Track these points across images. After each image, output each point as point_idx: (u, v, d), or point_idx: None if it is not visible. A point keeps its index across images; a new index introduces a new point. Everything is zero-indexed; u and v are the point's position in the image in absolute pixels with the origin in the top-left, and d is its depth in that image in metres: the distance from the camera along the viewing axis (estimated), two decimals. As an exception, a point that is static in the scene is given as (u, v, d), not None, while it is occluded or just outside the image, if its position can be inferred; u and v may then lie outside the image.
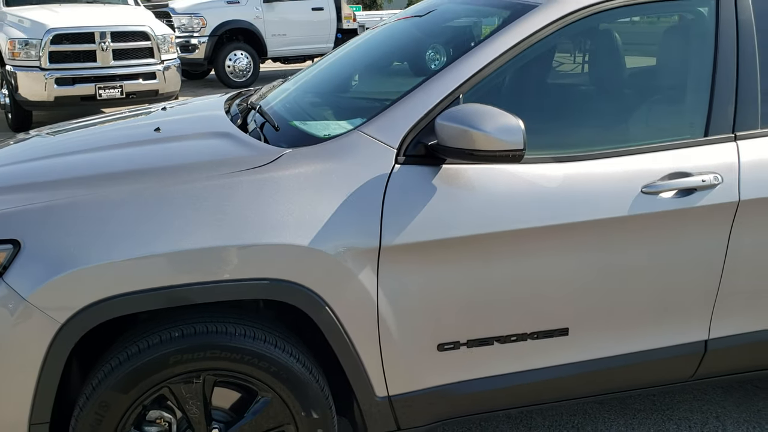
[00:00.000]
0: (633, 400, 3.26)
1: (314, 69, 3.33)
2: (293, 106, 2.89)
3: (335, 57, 3.31)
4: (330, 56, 3.38)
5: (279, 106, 2.91)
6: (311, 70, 3.34)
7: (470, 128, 2.11)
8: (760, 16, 2.55)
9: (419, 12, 3.16)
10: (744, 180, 2.44)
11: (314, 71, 3.29)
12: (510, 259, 2.30)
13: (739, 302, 2.55)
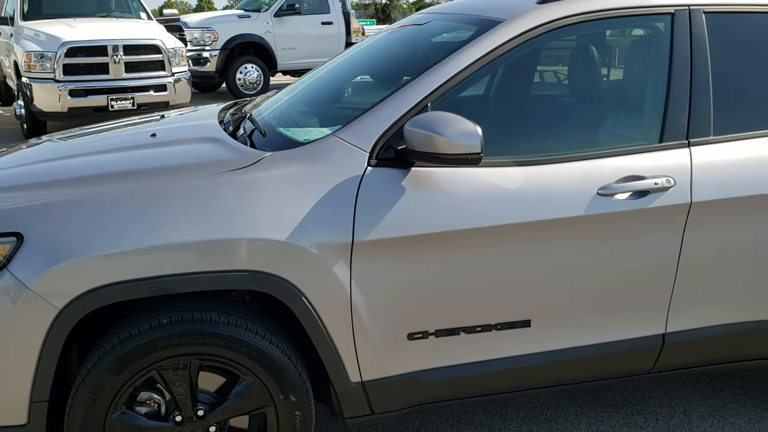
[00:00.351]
0: (605, 395, 3.43)
1: (305, 80, 3.53)
2: (282, 115, 3.10)
3: (325, 69, 3.52)
4: (320, 68, 3.59)
5: (270, 115, 3.12)
6: (303, 81, 3.54)
7: (433, 134, 2.30)
8: (713, 31, 2.74)
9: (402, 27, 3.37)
10: (696, 183, 2.61)
11: (305, 82, 3.50)
12: (474, 255, 2.49)
13: (695, 298, 2.71)
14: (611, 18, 2.71)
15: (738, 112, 2.76)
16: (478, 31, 2.65)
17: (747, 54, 2.83)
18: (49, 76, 9.44)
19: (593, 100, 2.81)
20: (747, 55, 2.83)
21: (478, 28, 2.68)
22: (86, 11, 11.15)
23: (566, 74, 2.90)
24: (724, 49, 2.76)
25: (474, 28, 2.70)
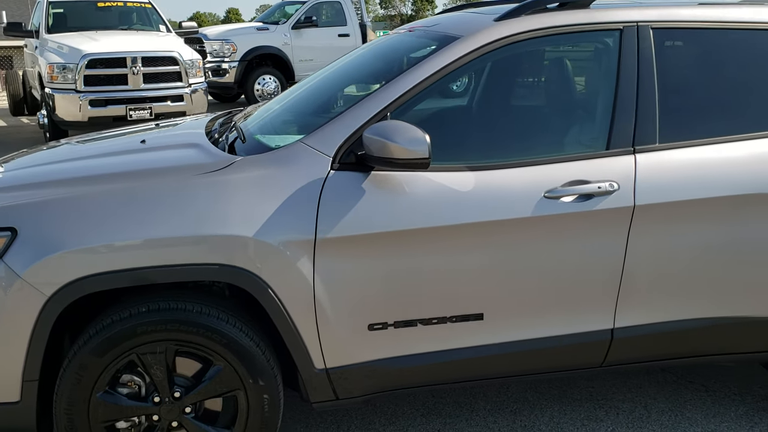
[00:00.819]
0: (571, 390, 3.61)
1: (292, 91, 3.77)
2: (266, 123, 3.34)
3: (310, 81, 3.76)
4: (306, 81, 3.82)
5: (255, 123, 3.36)
6: (290, 92, 3.78)
7: (387, 140, 2.53)
8: (659, 46, 2.93)
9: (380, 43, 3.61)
10: (639, 188, 2.80)
11: (292, 93, 3.73)
12: (429, 252, 2.70)
13: (642, 296, 2.90)
14: (563, 33, 2.92)
15: (683, 121, 2.94)
16: (438, 46, 2.87)
17: (692, 66, 3.02)
18: (71, 86, 9.81)
19: (545, 110, 3.01)
20: (692, 68, 3.02)
21: (438, 43, 2.90)
22: (109, 24, 11.55)
23: (520, 86, 3.10)
24: (670, 63, 2.95)
25: (435, 43, 2.92)
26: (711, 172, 2.87)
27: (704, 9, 3.05)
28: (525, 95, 3.13)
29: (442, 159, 2.75)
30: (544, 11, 2.94)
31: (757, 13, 3.05)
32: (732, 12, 3.05)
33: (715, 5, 3.08)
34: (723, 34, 3.04)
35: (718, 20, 3.02)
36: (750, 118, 2.99)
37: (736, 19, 3.03)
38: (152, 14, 11.94)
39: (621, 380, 3.71)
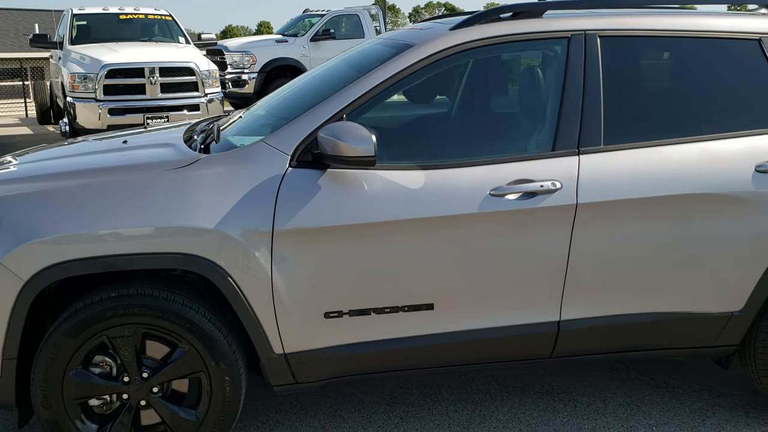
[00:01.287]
0: (534, 384, 3.75)
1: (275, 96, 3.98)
2: (243, 125, 3.55)
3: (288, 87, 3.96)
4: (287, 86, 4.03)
5: (234, 125, 3.57)
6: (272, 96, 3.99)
7: (337, 140, 2.72)
8: (606, 53, 3.09)
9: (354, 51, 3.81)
10: (582, 187, 2.96)
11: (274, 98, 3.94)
12: (381, 245, 2.88)
13: (587, 290, 3.05)
14: (514, 42, 3.10)
15: (628, 124, 3.09)
16: (394, 54, 3.06)
17: (639, 72, 3.18)
18: (91, 95, 10.18)
19: (495, 113, 3.18)
20: (639, 74, 3.18)
21: (396, 51, 3.09)
22: (130, 36, 11.93)
23: (472, 91, 3.28)
24: (617, 69, 3.11)
25: (394, 51, 3.12)
26: (654, 173, 3.02)
27: (653, 18, 3.20)
28: (476, 99, 3.30)
29: (395, 158, 2.95)
30: (498, 20, 3.12)
31: (702, 22, 3.20)
32: (678, 20, 3.21)
33: (663, 14, 3.24)
34: (668, 42, 3.19)
35: (665, 29, 3.17)
36: (692, 123, 3.14)
37: (682, 27, 3.18)
38: (172, 26, 12.30)
39: (584, 375, 3.84)
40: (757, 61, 3.20)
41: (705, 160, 3.06)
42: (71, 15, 11.72)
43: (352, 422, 3.40)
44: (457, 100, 3.37)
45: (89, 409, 2.92)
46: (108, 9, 12.03)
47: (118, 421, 2.91)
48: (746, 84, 3.22)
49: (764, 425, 3.35)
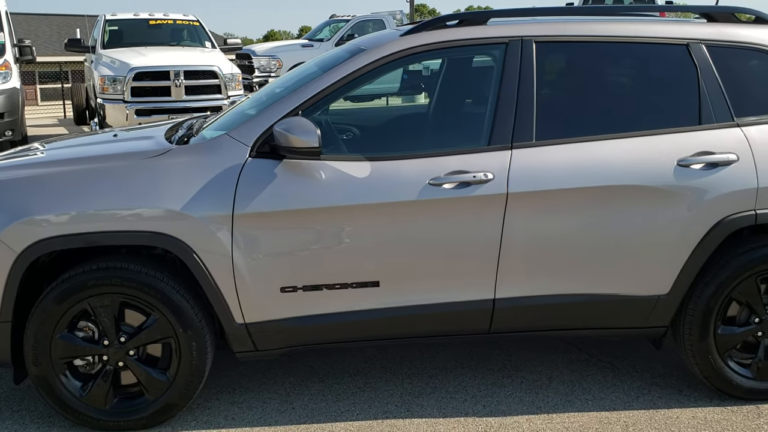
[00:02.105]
0: (488, 362, 4.06)
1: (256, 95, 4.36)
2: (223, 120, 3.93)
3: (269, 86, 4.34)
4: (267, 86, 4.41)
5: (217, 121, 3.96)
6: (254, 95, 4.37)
7: (288, 133, 3.09)
8: (540, 57, 3.41)
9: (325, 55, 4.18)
10: (512, 178, 3.27)
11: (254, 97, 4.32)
12: (331, 227, 3.24)
13: (519, 272, 3.36)
14: (457, 46, 3.43)
15: (559, 122, 3.40)
16: (348, 57, 3.42)
17: (571, 74, 3.48)
18: (119, 97, 10.73)
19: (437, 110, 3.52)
20: (570, 75, 3.49)
21: (350, 54, 3.45)
22: (160, 41, 12.48)
23: (417, 90, 3.62)
24: (551, 71, 3.43)
25: (348, 55, 3.48)
26: (582, 166, 3.32)
27: (587, 24, 3.51)
28: (416, 98, 3.65)
29: (344, 150, 3.31)
30: (444, 27, 3.47)
31: (633, 28, 3.50)
32: (611, 27, 3.51)
33: (598, 22, 3.54)
34: (600, 47, 3.49)
35: (598, 35, 3.48)
36: (621, 121, 3.43)
37: (614, 33, 3.49)
38: (199, 31, 12.83)
39: (537, 356, 4.14)
40: (685, 65, 3.48)
41: (632, 155, 3.35)
42: (104, 20, 12.31)
43: (314, 390, 3.76)
44: (403, 98, 3.72)
45: (74, 368, 3.32)
46: (139, 15, 12.61)
47: (99, 379, 3.30)
48: (673, 85, 3.50)
49: (694, 403, 3.61)
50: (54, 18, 35.95)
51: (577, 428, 3.38)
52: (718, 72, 3.48)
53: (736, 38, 3.56)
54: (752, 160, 3.38)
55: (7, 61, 10.59)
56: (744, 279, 3.45)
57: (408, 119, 3.60)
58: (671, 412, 3.52)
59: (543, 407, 3.57)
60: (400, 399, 3.66)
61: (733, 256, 3.44)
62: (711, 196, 3.35)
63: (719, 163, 3.36)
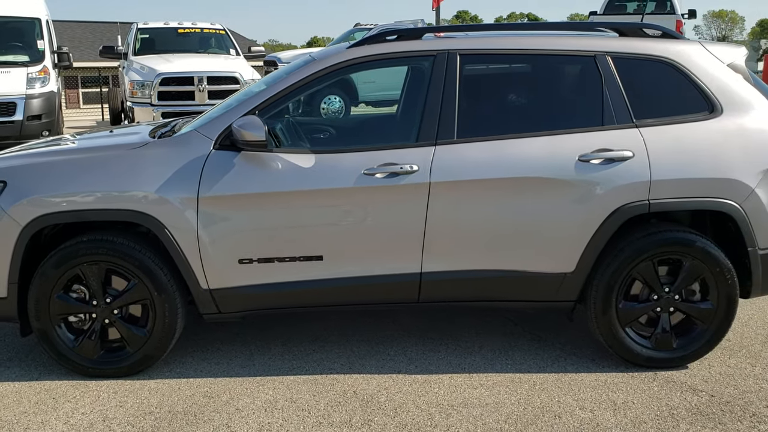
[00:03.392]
0: (431, 332, 4.64)
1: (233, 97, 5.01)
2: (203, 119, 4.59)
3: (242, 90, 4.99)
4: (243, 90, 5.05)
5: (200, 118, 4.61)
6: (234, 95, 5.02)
7: (242, 129, 3.73)
8: (463, 68, 3.99)
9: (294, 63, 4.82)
10: (434, 169, 3.86)
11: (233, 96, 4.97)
12: (280, 209, 3.85)
13: (441, 249, 3.93)
14: (393, 58, 4.04)
15: (478, 123, 3.97)
16: (301, 65, 4.05)
17: (489, 82, 4.06)
18: (147, 101, 11.53)
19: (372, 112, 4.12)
20: (488, 83, 4.06)
21: (303, 64, 4.08)
22: (188, 48, 13.29)
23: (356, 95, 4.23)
24: (472, 80, 4.00)
25: (302, 64, 4.11)
26: (496, 160, 3.89)
27: (507, 39, 4.09)
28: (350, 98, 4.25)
29: (294, 145, 3.94)
30: (384, 41, 4.07)
31: (548, 41, 4.06)
32: (528, 41, 4.07)
33: (518, 36, 4.11)
34: (517, 58, 4.07)
35: (516, 48, 4.05)
36: (534, 122, 3.99)
37: (530, 46, 4.05)
38: (225, 39, 13.61)
39: (475, 328, 4.70)
40: (591, 74, 4.03)
41: (540, 151, 3.91)
42: (136, 29, 13.16)
43: (275, 352, 4.38)
44: (348, 102, 4.33)
45: (69, 324, 4.00)
46: (168, 24, 13.44)
47: (89, 333, 3.97)
48: (581, 92, 4.05)
49: (601, 369, 4.14)
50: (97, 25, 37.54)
51: (490, 385, 3.94)
52: (621, 80, 4.01)
53: (640, 51, 4.09)
54: (646, 156, 3.90)
55: (46, 66, 11.47)
56: (641, 261, 3.97)
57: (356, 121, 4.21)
58: (578, 376, 4.06)
59: (467, 369, 4.14)
60: (346, 360, 4.26)
61: (630, 241, 3.96)
62: (608, 187, 3.88)
63: (616, 159, 3.89)
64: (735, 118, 4.00)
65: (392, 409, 3.68)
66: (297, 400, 3.78)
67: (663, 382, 3.97)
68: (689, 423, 3.55)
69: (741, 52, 4.21)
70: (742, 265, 4.07)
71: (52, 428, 3.51)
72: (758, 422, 3.55)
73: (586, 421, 3.56)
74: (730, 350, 4.39)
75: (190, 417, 3.61)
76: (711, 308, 4.04)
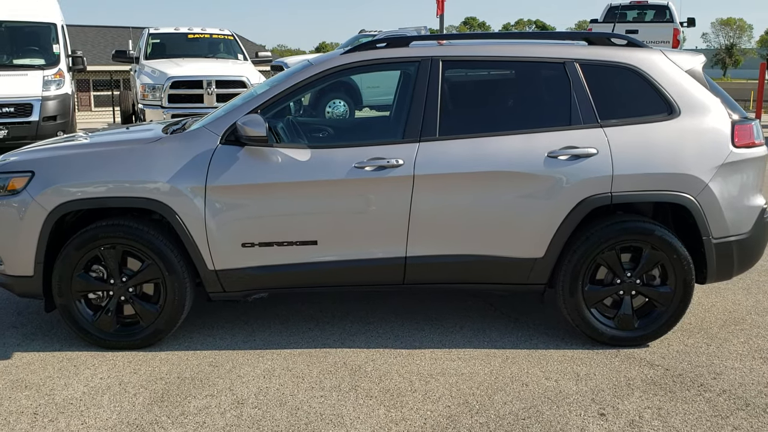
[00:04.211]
0: (419, 314, 5.07)
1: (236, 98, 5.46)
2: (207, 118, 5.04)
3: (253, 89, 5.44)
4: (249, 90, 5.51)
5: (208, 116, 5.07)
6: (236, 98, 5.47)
7: (245, 126, 4.18)
8: (445, 72, 4.43)
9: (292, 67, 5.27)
10: (417, 164, 4.29)
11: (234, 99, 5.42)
12: (279, 198, 4.30)
13: (423, 236, 4.36)
14: (382, 63, 4.49)
15: (458, 122, 4.41)
16: (299, 69, 4.50)
17: (468, 85, 4.49)
18: (158, 103, 12.00)
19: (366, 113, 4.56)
20: (467, 87, 4.49)
21: (301, 68, 4.53)
22: (197, 53, 13.78)
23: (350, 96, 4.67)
24: (452, 83, 4.45)
25: (300, 68, 4.56)
26: (474, 156, 4.32)
27: (486, 47, 4.53)
28: (354, 102, 4.70)
29: (293, 141, 4.39)
30: (375, 48, 4.52)
31: (522, 49, 4.50)
32: (505, 49, 4.51)
33: (495, 44, 4.56)
34: (494, 64, 4.51)
35: (493, 55, 4.49)
36: (508, 122, 4.42)
37: (506, 54, 4.49)
38: (234, 45, 14.09)
39: (457, 311, 5.12)
40: (560, 79, 4.46)
41: (513, 147, 4.34)
42: (148, 34, 13.66)
43: (274, 329, 4.83)
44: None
45: (89, 300, 4.45)
46: (179, 29, 13.94)
47: (106, 309, 4.42)
48: (551, 95, 4.49)
49: (569, 346, 4.55)
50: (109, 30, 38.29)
51: (467, 358, 4.37)
52: (588, 84, 4.44)
53: (606, 58, 4.52)
54: (609, 153, 4.33)
55: (61, 69, 11.97)
56: (605, 248, 4.39)
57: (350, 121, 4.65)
58: (547, 352, 4.48)
59: (446, 344, 4.57)
60: (338, 337, 4.70)
61: (595, 230, 4.39)
62: (574, 180, 4.31)
63: (581, 155, 4.32)
64: (692, 119, 4.42)
65: (377, 377, 4.11)
66: (293, 369, 4.21)
67: (624, 358, 4.38)
68: (642, 391, 3.96)
69: (699, 60, 4.64)
70: (699, 253, 4.48)
71: (73, 390, 3.95)
72: (704, 391, 3.97)
73: (550, 389, 3.98)
74: (690, 332, 4.80)
75: (196, 382, 4.05)
76: (669, 292, 4.46)
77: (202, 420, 3.63)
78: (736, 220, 4.44)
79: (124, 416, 3.67)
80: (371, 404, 3.80)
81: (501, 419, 3.66)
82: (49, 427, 3.56)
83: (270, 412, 3.71)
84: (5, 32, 12.15)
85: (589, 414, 3.72)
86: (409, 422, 3.63)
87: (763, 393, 3.94)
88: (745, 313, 5.17)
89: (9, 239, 4.35)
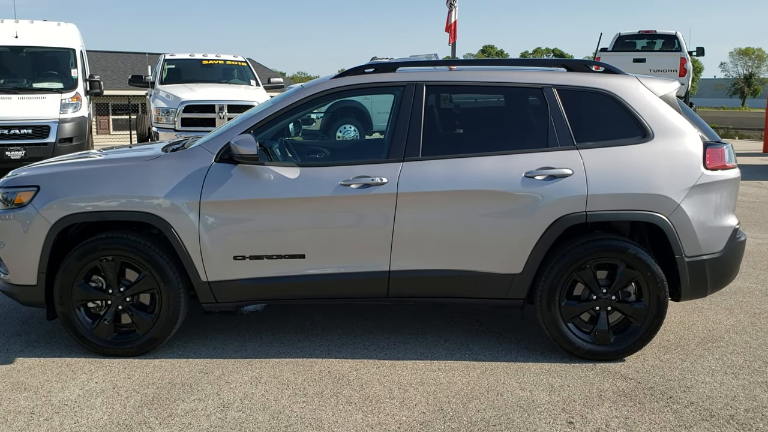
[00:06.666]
0: (406, 329, 5.26)
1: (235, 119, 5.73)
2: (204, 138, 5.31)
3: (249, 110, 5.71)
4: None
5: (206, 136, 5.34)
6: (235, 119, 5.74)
7: (238, 145, 4.43)
8: (428, 96, 4.67)
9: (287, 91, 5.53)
10: (401, 182, 4.51)
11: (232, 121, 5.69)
12: (269, 213, 4.53)
13: (406, 250, 4.57)
14: (369, 87, 4.74)
15: (439, 143, 4.63)
16: (291, 93, 4.76)
17: (449, 109, 4.72)
18: (171, 126, 12.35)
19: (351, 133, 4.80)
20: (449, 110, 4.72)
21: (293, 91, 4.79)
22: (211, 79, 14.16)
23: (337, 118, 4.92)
24: (435, 107, 4.68)
25: (293, 91, 4.82)
26: (454, 175, 4.54)
27: (467, 72, 4.77)
28: (340, 124, 4.94)
29: (284, 159, 4.63)
30: (363, 73, 4.78)
31: (502, 75, 4.73)
32: (486, 74, 4.75)
33: (477, 70, 4.79)
34: (475, 89, 4.74)
35: (474, 80, 4.72)
36: (488, 144, 4.64)
37: (486, 79, 4.72)
38: (247, 71, 14.47)
39: (444, 327, 5.31)
40: (539, 103, 4.68)
41: (492, 168, 4.55)
42: (163, 59, 14.07)
43: (266, 340, 5.04)
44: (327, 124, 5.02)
45: (88, 309, 4.70)
46: (194, 55, 14.34)
47: (104, 317, 4.66)
48: (529, 118, 4.71)
49: (548, 360, 4.72)
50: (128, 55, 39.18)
51: (447, 369, 4.55)
52: (565, 108, 4.66)
53: (583, 83, 4.74)
54: (584, 174, 4.53)
55: (78, 93, 12.38)
56: (581, 265, 4.58)
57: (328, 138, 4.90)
58: (526, 364, 4.65)
59: (429, 357, 4.75)
60: (326, 348, 4.90)
61: (571, 247, 4.57)
62: (550, 199, 4.51)
63: (557, 176, 4.52)
64: (665, 142, 4.62)
65: (359, 385, 4.31)
66: (279, 376, 4.42)
67: (599, 371, 4.55)
68: (612, 402, 4.12)
69: (673, 86, 4.84)
70: (674, 271, 4.65)
71: (69, 392, 4.18)
72: (672, 402, 4.12)
73: (523, 399, 4.15)
74: (667, 348, 4.96)
75: (186, 387, 4.26)
76: (643, 308, 4.63)
77: (188, 421, 3.84)
78: (709, 240, 4.61)
79: (115, 417, 3.89)
80: (350, 410, 3.99)
81: (472, 425, 3.83)
82: (44, 426, 3.78)
83: (253, 416, 3.91)
84: (27, 57, 12.60)
85: (558, 422, 3.88)
86: (384, 426, 3.81)
87: (729, 405, 4.08)
88: (724, 331, 5.31)
89: (15, 250, 4.62)
